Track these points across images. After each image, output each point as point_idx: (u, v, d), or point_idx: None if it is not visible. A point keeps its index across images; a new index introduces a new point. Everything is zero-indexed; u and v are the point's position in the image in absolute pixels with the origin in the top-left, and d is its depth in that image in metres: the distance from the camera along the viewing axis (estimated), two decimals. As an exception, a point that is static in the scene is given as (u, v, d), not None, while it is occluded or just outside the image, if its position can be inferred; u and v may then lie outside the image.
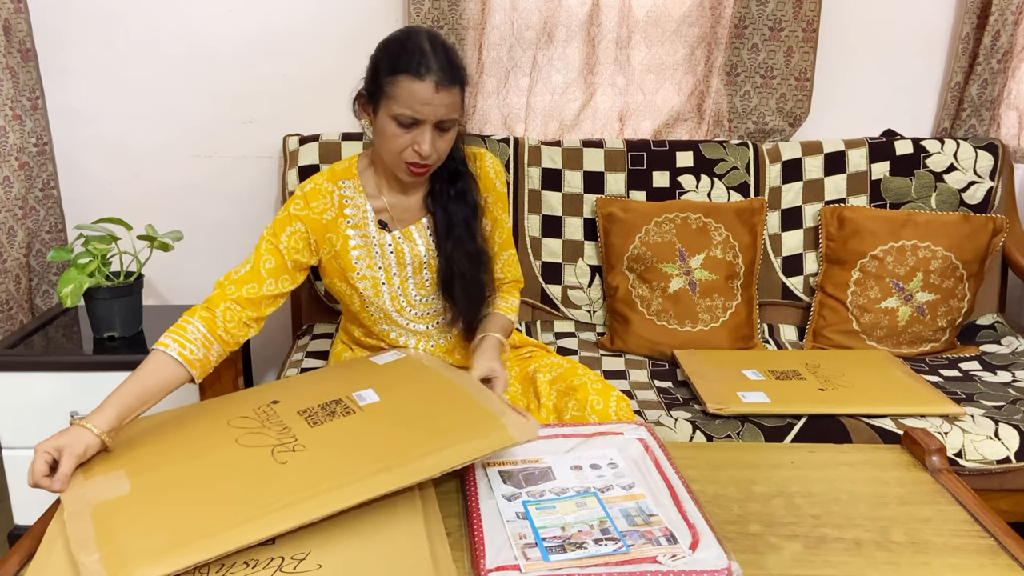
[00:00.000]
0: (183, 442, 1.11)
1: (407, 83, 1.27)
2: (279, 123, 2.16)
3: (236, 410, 1.19)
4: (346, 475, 0.99)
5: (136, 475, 1.02)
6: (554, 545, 0.92)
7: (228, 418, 1.16)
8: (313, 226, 1.41)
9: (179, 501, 0.97)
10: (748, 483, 1.13)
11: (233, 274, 1.36)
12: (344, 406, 1.17)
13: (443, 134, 1.33)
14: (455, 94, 1.30)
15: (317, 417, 1.14)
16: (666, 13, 2.13)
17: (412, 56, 1.28)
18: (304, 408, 1.17)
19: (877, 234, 1.97)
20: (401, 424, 1.13)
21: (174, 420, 1.19)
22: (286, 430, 1.11)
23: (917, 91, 2.24)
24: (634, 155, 2.07)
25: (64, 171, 2.19)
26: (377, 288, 1.46)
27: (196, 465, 1.05)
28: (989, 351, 1.98)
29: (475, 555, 0.91)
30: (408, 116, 1.29)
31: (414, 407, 1.18)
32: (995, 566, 0.95)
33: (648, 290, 1.98)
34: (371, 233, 1.44)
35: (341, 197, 1.44)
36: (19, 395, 1.78)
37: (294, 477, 1.00)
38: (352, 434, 1.10)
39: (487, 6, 2.07)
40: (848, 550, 0.98)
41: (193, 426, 1.16)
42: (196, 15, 2.11)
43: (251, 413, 1.17)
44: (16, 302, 2.07)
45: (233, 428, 1.13)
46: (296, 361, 1.87)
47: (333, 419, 1.14)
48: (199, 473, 1.03)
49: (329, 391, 1.23)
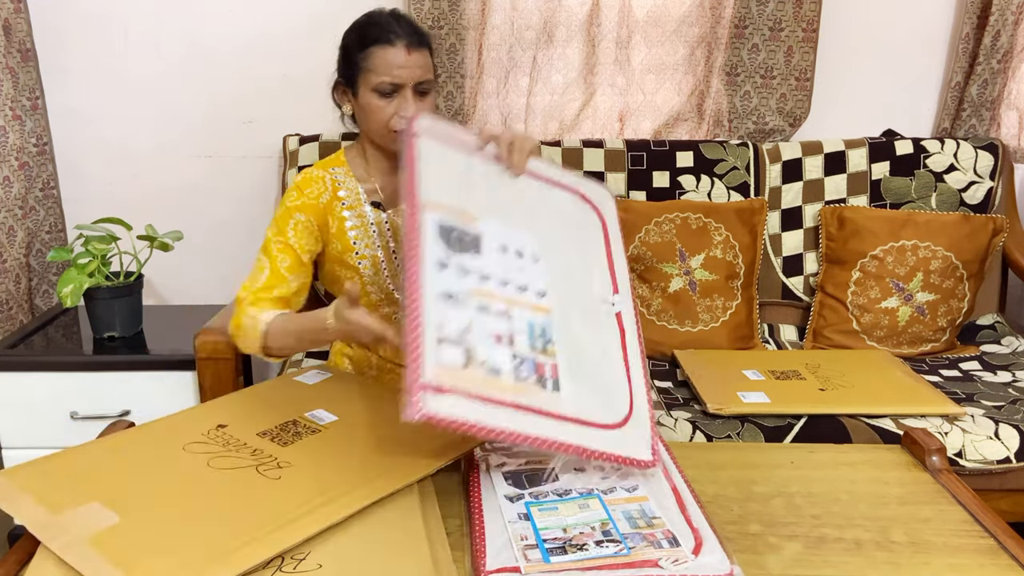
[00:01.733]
0: (149, 471, 1.05)
1: (380, 52, 1.34)
2: (279, 123, 2.16)
3: (183, 437, 1.13)
4: (348, 481, 1.00)
5: (116, 505, 0.95)
6: (555, 547, 0.92)
7: (181, 444, 1.10)
8: (312, 212, 1.43)
9: (185, 523, 0.93)
10: (748, 483, 1.13)
11: (253, 283, 1.36)
12: (304, 426, 1.16)
13: (423, 97, 1.38)
14: (425, 55, 1.37)
15: (283, 437, 1.12)
16: (666, 13, 2.13)
17: (379, 27, 1.36)
18: (263, 430, 1.14)
19: (877, 234, 1.97)
20: (374, 436, 1.12)
21: (117, 450, 1.10)
22: (258, 451, 1.08)
23: (917, 91, 2.24)
24: (634, 155, 2.07)
25: (64, 171, 2.19)
26: (377, 267, 1.48)
27: (181, 490, 1.00)
28: (989, 351, 1.98)
29: (476, 556, 0.91)
30: (387, 83, 1.34)
31: (376, 422, 1.18)
32: (995, 566, 0.95)
33: (648, 290, 1.98)
34: (366, 213, 1.47)
35: (334, 181, 1.46)
36: (19, 395, 1.78)
37: (298, 488, 0.99)
38: (331, 448, 1.09)
39: (487, 6, 2.07)
40: (848, 550, 0.98)
41: (146, 455, 1.09)
42: (196, 15, 2.11)
43: (204, 439, 1.12)
44: (16, 302, 2.07)
45: (194, 454, 1.08)
46: (296, 361, 1.87)
47: (301, 438, 1.12)
48: (190, 497, 0.98)
49: (279, 413, 1.20)
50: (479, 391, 0.95)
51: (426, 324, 0.96)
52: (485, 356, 0.99)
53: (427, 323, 0.97)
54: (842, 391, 1.67)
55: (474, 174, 1.18)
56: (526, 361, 1.01)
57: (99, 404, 1.78)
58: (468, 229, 1.10)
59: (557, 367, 1.03)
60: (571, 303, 1.12)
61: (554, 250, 1.16)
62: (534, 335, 1.05)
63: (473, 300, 1.03)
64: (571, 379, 1.03)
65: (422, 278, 1.00)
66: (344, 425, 1.17)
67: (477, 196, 1.15)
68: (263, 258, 1.39)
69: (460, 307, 1.01)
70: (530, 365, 1.01)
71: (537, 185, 1.24)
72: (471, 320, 1.01)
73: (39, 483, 1.00)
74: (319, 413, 1.21)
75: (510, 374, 0.99)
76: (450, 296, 1.01)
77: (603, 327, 1.13)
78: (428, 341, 0.95)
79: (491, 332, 1.02)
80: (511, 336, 1.03)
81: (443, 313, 0.99)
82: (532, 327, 1.05)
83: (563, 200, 1.25)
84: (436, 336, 0.97)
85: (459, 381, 0.94)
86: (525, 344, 1.03)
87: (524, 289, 1.09)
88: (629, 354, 1.12)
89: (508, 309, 1.05)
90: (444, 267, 1.03)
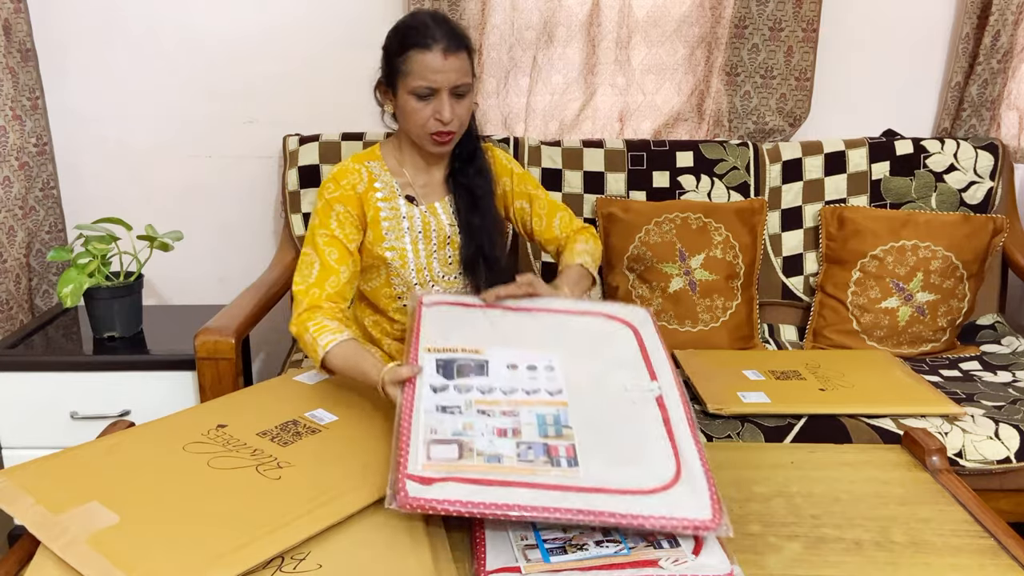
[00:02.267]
0: (148, 471, 1.04)
1: (417, 56, 1.37)
2: (279, 123, 2.16)
3: (183, 437, 1.12)
4: (348, 482, 1.00)
5: (115, 505, 0.95)
6: (555, 547, 0.92)
7: (181, 444, 1.10)
8: (351, 202, 1.47)
9: (186, 523, 0.92)
10: (748, 483, 1.13)
11: (306, 278, 1.39)
12: (304, 426, 1.16)
13: (460, 100, 1.41)
14: (463, 59, 1.39)
15: (283, 438, 1.12)
16: (666, 13, 2.13)
17: (417, 31, 1.38)
18: (262, 430, 1.14)
19: (877, 234, 1.97)
20: (374, 435, 1.13)
21: (116, 450, 1.10)
22: (258, 451, 1.08)
23: (917, 91, 2.24)
24: (634, 155, 2.07)
25: (64, 171, 2.19)
26: (404, 259, 1.51)
27: (181, 490, 0.99)
28: (989, 351, 1.98)
29: (476, 556, 0.91)
30: (424, 87, 1.38)
31: (376, 421, 1.18)
32: (995, 566, 0.95)
33: (648, 290, 1.98)
34: (399, 206, 1.51)
35: (369, 172, 1.50)
36: (19, 395, 1.78)
37: (298, 488, 0.99)
38: (331, 448, 1.10)
39: (487, 6, 2.07)
40: (848, 550, 0.98)
41: (146, 455, 1.09)
42: (196, 15, 2.11)
43: (203, 439, 1.12)
44: (16, 302, 2.07)
45: (194, 454, 1.08)
46: (296, 361, 1.87)
47: (300, 438, 1.12)
48: (189, 496, 0.98)
49: (279, 413, 1.20)
50: (475, 476, 0.91)
51: (415, 431, 0.96)
52: (484, 448, 0.96)
53: (416, 430, 0.96)
54: (842, 391, 1.67)
55: (480, 319, 1.22)
56: (534, 446, 0.97)
57: (99, 404, 1.78)
58: (473, 358, 1.11)
59: (574, 447, 0.97)
60: (592, 395, 1.08)
61: (573, 359, 1.15)
62: (544, 424, 1.01)
63: (473, 408, 1.02)
64: (592, 455, 0.97)
65: (415, 401, 1.01)
66: (344, 425, 1.17)
67: (482, 334, 1.18)
68: (311, 252, 1.43)
69: (457, 415, 1.00)
70: (539, 448, 0.97)
71: (556, 317, 1.27)
72: (470, 422, 0.99)
73: (39, 483, 1.00)
74: (319, 413, 1.21)
75: (513, 459, 0.95)
76: (445, 408, 1.01)
77: (637, 411, 1.07)
78: (417, 442, 0.94)
79: (493, 428, 0.99)
80: (516, 429, 0.99)
81: (436, 421, 0.99)
82: (542, 418, 1.02)
83: (587, 322, 1.26)
84: (427, 438, 0.96)
85: (452, 471, 0.91)
86: (534, 433, 0.99)
87: (534, 392, 1.07)
88: (674, 427, 1.03)
89: (514, 409, 1.03)
90: (441, 390, 1.04)
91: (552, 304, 1.29)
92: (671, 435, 1.01)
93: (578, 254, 1.51)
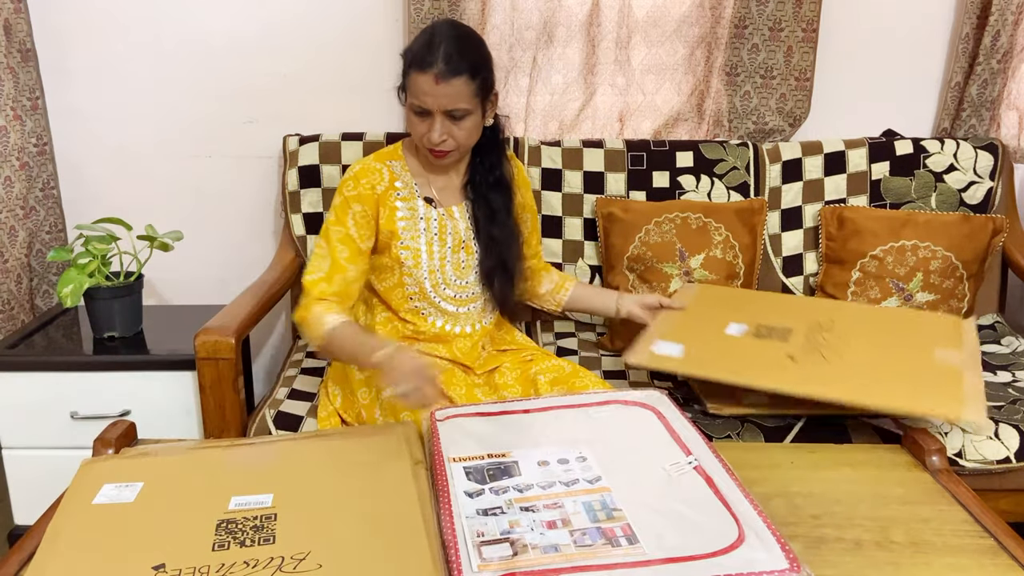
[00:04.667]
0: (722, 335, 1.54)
1: (415, 76, 1.39)
2: (279, 123, 2.16)
3: (768, 315, 1.62)
4: None
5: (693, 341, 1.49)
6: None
7: (756, 323, 1.58)
8: (369, 202, 1.49)
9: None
10: (748, 483, 1.12)
11: (315, 272, 1.44)
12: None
13: (457, 122, 1.41)
14: (458, 85, 1.38)
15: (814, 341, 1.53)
16: (666, 13, 2.13)
17: (420, 51, 1.39)
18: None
19: (877, 234, 1.97)
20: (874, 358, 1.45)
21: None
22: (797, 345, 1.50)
23: (917, 91, 2.24)
24: (634, 155, 2.07)
25: (64, 171, 2.19)
26: (417, 260, 1.52)
27: (736, 346, 1.50)
28: (989, 351, 1.98)
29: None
30: (418, 106, 1.40)
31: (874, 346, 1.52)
32: (995, 566, 0.95)
33: (648, 290, 1.98)
34: (418, 206, 1.52)
35: (391, 171, 1.52)
36: (19, 395, 1.78)
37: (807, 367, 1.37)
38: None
39: (487, 6, 2.07)
40: (848, 550, 0.98)
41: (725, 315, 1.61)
42: (196, 15, 2.11)
43: (778, 333, 1.56)
44: (17, 302, 2.07)
45: (755, 338, 1.52)
46: (296, 361, 1.87)
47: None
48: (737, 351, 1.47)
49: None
50: (537, 568, 0.88)
51: (460, 537, 0.94)
52: (537, 541, 0.93)
53: (462, 536, 0.94)
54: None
55: (497, 424, 1.22)
56: (588, 531, 0.95)
57: (99, 404, 1.78)
58: (502, 461, 1.10)
59: (630, 526, 0.96)
60: (632, 477, 1.07)
61: (603, 447, 1.14)
62: (593, 510, 0.99)
63: (515, 506, 1.00)
64: (650, 531, 0.95)
65: (454, 510, 0.99)
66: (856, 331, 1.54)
67: (505, 438, 1.17)
68: (324, 245, 1.46)
69: (500, 516, 0.98)
70: (594, 533, 0.95)
71: (573, 412, 1.26)
72: (516, 520, 0.97)
73: None
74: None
75: (571, 546, 0.92)
76: (486, 511, 0.99)
77: (682, 484, 1.06)
78: (466, 548, 0.92)
79: (541, 522, 0.97)
80: (565, 519, 0.98)
81: (480, 524, 0.96)
82: (589, 505, 1.00)
83: (607, 411, 1.26)
84: (475, 541, 0.93)
85: (510, 568, 0.89)
86: (585, 520, 0.97)
87: (572, 484, 1.06)
88: (722, 490, 1.03)
89: (557, 501, 1.01)
90: (477, 495, 1.03)
91: (565, 401, 1.29)
92: (722, 499, 1.01)
93: (566, 275, 1.76)
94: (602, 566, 0.88)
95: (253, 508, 1.01)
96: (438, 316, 1.56)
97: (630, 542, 0.92)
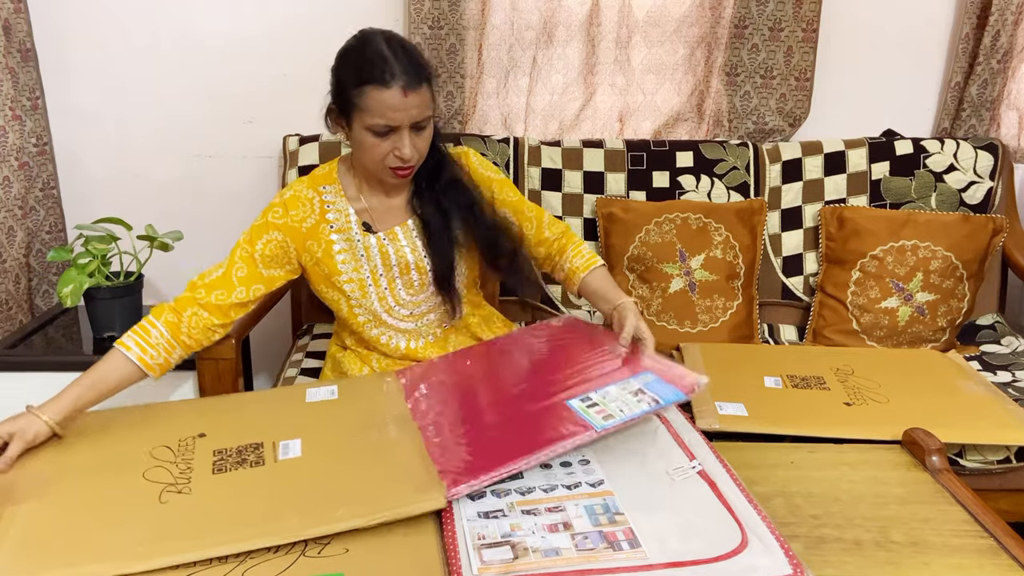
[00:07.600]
0: (99, 455, 1.17)
1: (375, 93, 1.27)
2: (279, 123, 2.15)
3: (165, 436, 1.22)
4: (215, 527, 0.99)
5: (47, 482, 1.08)
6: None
7: (152, 446, 1.19)
8: (292, 234, 1.43)
9: (67, 516, 1.02)
10: (748, 483, 1.12)
11: (206, 276, 1.40)
12: (259, 455, 1.15)
13: (420, 133, 1.34)
14: (423, 93, 1.30)
15: (226, 463, 1.13)
16: (666, 13, 2.13)
17: (374, 64, 1.28)
18: (221, 448, 1.17)
19: (877, 234, 1.97)
20: (303, 487, 1.07)
21: (111, 424, 1.24)
22: (188, 470, 1.12)
23: (917, 91, 2.24)
24: (634, 155, 2.07)
25: (64, 171, 2.19)
26: (364, 290, 1.47)
27: (97, 484, 1.10)
28: (989, 351, 1.98)
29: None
30: (382, 125, 1.29)
31: (332, 467, 1.12)
32: (995, 566, 0.95)
33: (648, 290, 1.98)
34: (355, 236, 1.45)
35: (322, 203, 1.45)
36: (19, 395, 1.77)
37: (167, 520, 1.01)
38: (243, 491, 1.07)
39: (487, 6, 2.06)
40: (848, 550, 0.98)
41: (119, 440, 1.21)
42: (196, 15, 2.11)
43: (174, 444, 1.19)
44: (16, 302, 2.07)
45: (149, 457, 1.16)
46: (296, 361, 1.87)
47: (240, 468, 1.12)
48: (94, 494, 1.07)
49: (256, 431, 1.21)
50: (538, 571, 0.88)
51: (460, 539, 0.94)
52: (538, 544, 0.93)
53: (462, 538, 0.94)
54: (874, 408, 1.50)
55: None
56: (590, 535, 0.95)
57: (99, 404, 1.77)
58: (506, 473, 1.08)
59: (632, 530, 0.96)
60: (635, 481, 1.07)
61: (607, 452, 1.13)
62: (595, 514, 0.99)
63: (516, 509, 1.00)
64: (652, 536, 0.95)
65: (455, 512, 0.98)
66: (295, 465, 1.13)
67: None
68: (227, 257, 1.42)
69: (502, 518, 0.98)
70: (596, 537, 0.94)
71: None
72: (517, 523, 0.97)
73: None
74: (292, 444, 1.17)
75: (572, 550, 0.92)
76: (487, 514, 0.99)
77: (686, 489, 1.06)
78: (467, 549, 0.92)
79: (542, 525, 0.97)
80: (567, 523, 0.97)
81: (481, 527, 0.96)
82: (591, 508, 1.00)
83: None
84: (476, 544, 0.93)
85: (510, 571, 0.89)
86: (587, 524, 0.97)
87: (575, 487, 1.05)
88: (726, 495, 1.02)
89: (559, 504, 1.01)
90: (478, 498, 1.02)
91: (578, 441, 1.27)
92: (726, 503, 1.00)
93: (588, 255, 1.52)
94: (603, 570, 0.88)
95: None
96: (400, 337, 1.51)
97: (632, 546, 0.92)
